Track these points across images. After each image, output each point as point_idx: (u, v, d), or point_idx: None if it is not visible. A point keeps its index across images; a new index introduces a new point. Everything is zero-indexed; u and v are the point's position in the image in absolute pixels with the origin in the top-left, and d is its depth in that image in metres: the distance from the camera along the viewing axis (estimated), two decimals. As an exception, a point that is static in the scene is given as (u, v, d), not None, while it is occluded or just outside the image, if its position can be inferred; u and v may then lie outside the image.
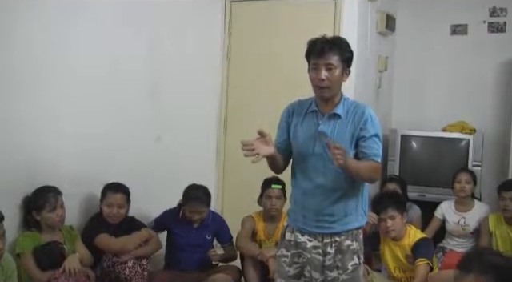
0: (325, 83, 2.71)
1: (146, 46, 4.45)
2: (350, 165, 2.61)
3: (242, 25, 5.30)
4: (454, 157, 5.40)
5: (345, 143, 2.70)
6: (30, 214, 3.51)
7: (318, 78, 2.71)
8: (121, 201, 3.88)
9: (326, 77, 2.70)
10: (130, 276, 3.71)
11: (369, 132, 2.72)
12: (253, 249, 4.10)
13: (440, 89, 5.88)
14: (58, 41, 3.70)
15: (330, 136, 2.72)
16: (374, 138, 2.73)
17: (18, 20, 3.43)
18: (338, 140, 2.69)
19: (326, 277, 2.77)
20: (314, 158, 2.78)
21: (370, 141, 2.72)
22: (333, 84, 2.72)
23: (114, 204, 3.86)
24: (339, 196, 2.75)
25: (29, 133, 3.54)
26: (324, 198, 2.76)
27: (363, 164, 2.71)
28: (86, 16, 3.88)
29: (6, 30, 3.38)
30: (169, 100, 4.69)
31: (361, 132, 2.72)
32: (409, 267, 3.91)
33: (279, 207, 4.17)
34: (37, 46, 3.57)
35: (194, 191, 4.09)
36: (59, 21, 3.70)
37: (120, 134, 4.21)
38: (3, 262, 3.02)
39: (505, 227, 4.51)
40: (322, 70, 2.70)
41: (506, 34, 5.62)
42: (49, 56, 3.65)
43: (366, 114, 2.74)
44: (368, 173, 2.72)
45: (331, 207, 2.76)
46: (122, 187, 3.92)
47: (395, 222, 3.90)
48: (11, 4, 3.39)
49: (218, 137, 5.39)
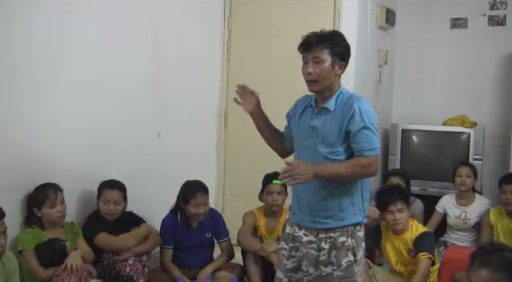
0: (312, 77, 2.71)
1: (147, 42, 4.45)
2: (322, 174, 2.62)
3: (241, 20, 5.28)
4: (455, 151, 5.40)
5: (334, 136, 2.70)
6: (32, 211, 3.51)
7: (305, 72, 2.72)
8: (117, 198, 3.87)
9: (313, 70, 2.70)
10: (130, 274, 3.71)
11: (357, 125, 2.65)
12: (254, 244, 4.10)
13: (440, 83, 5.88)
14: (57, 36, 3.69)
15: (321, 130, 2.73)
16: (362, 131, 2.65)
17: (17, 15, 3.42)
18: (328, 134, 2.70)
19: (321, 272, 2.77)
20: (306, 151, 2.79)
21: (358, 135, 2.66)
22: (320, 78, 2.70)
23: (110, 201, 3.85)
24: (331, 191, 2.73)
25: (29, 130, 3.54)
26: (316, 192, 2.75)
27: (345, 165, 2.68)
28: (86, 11, 3.87)
29: (5, 25, 3.37)
30: (169, 96, 4.68)
31: (348, 125, 2.67)
32: (410, 262, 3.91)
33: (280, 202, 4.17)
34: (36, 41, 3.56)
35: (194, 185, 4.08)
36: (59, 15, 3.69)
37: (120, 130, 4.21)
38: (5, 259, 3.02)
39: (506, 221, 4.51)
40: (310, 63, 2.71)
41: (506, 27, 5.61)
42: (48, 51, 3.64)
43: (354, 106, 2.67)
44: (355, 171, 2.67)
45: (324, 202, 2.74)
46: (118, 183, 3.92)
47: (404, 215, 3.91)
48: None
49: (218, 133, 5.38)
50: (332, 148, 2.70)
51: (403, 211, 3.91)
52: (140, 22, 4.36)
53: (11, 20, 3.41)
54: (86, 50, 3.90)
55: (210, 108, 5.30)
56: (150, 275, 3.89)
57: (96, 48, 3.98)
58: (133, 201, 4.03)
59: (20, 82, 3.48)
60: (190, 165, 4.79)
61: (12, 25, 3.41)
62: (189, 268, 4.08)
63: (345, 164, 2.68)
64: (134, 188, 4.03)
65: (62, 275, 3.32)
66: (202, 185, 4.10)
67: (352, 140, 2.68)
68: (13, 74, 3.44)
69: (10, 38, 3.41)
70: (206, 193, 4.08)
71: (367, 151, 2.67)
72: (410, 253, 3.90)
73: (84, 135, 3.92)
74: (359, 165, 2.67)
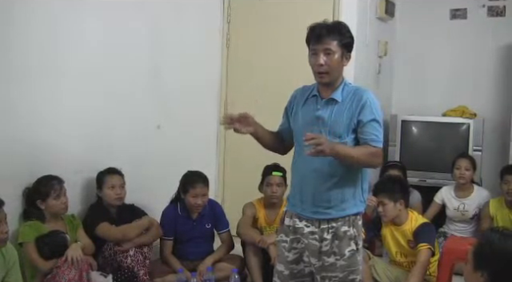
0: (323, 68, 2.70)
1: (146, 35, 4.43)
2: (338, 151, 2.60)
3: (241, 11, 5.25)
4: (455, 142, 5.40)
5: (342, 127, 2.71)
6: (33, 204, 3.51)
7: (317, 64, 2.71)
8: (121, 181, 3.93)
9: (324, 62, 2.69)
10: (131, 265, 3.71)
11: (366, 117, 2.69)
12: (254, 236, 4.10)
13: (440, 73, 5.88)
14: (57, 27, 3.68)
15: (328, 121, 2.72)
16: (371, 123, 2.70)
17: (16, 8, 3.41)
18: (336, 125, 2.71)
19: (324, 263, 2.77)
20: None
21: (367, 126, 2.70)
22: (331, 69, 2.71)
23: (116, 185, 3.89)
24: (336, 181, 2.74)
25: (27, 121, 3.53)
26: (320, 183, 2.75)
27: (356, 149, 2.69)
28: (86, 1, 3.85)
29: (4, 20, 3.36)
30: (169, 88, 4.67)
31: (359, 117, 2.70)
32: (410, 252, 3.92)
33: (280, 194, 4.17)
34: (36, 34, 3.55)
35: (194, 175, 4.09)
36: (59, 6, 3.67)
37: (120, 122, 4.20)
38: (5, 251, 3.03)
39: (506, 211, 4.52)
40: (321, 55, 2.69)
41: (505, 17, 5.61)
42: (48, 42, 3.63)
43: (364, 98, 2.71)
44: (364, 158, 2.68)
45: (328, 193, 2.75)
46: (116, 169, 3.96)
47: (387, 207, 3.93)
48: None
49: (218, 124, 5.37)
50: (340, 139, 2.71)
51: (386, 204, 3.93)
52: (139, 15, 4.34)
53: (10, 13, 3.39)
54: (85, 41, 3.88)
55: (210, 100, 5.29)
56: (151, 266, 3.89)
57: (96, 39, 3.97)
58: (133, 193, 4.04)
59: (17, 73, 3.46)
60: (190, 157, 4.79)
61: (11, 17, 3.39)
62: (189, 260, 4.10)
63: (357, 149, 2.70)
64: (134, 180, 4.04)
65: (62, 268, 3.33)
66: (203, 176, 4.10)
67: (360, 130, 2.71)
68: (10, 65, 3.42)
69: (10, 32, 3.39)
70: (205, 184, 4.08)
71: (374, 142, 2.70)
72: (410, 244, 3.92)
73: (83, 127, 3.91)
74: (369, 153, 2.69)
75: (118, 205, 3.93)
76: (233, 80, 5.31)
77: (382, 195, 3.95)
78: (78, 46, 3.83)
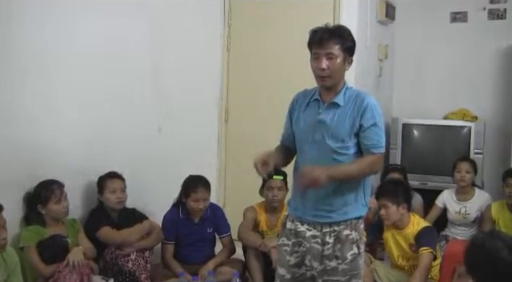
0: (326, 72, 2.71)
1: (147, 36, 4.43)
2: (338, 177, 2.66)
3: (241, 15, 5.26)
4: (456, 145, 5.40)
5: (344, 131, 2.72)
6: (34, 209, 3.50)
7: (319, 68, 2.71)
8: (121, 185, 3.92)
9: (326, 66, 2.70)
10: (133, 269, 3.70)
11: (368, 122, 2.71)
12: (255, 240, 4.09)
13: (441, 77, 5.88)
14: (57, 29, 3.67)
15: (330, 125, 2.73)
16: (372, 127, 2.71)
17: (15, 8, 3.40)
18: (338, 129, 2.72)
19: (325, 266, 2.77)
20: (313, 146, 2.78)
21: (368, 131, 2.71)
22: (334, 73, 2.72)
23: (117, 189, 3.88)
24: (338, 186, 2.74)
25: (26, 125, 3.51)
26: (325, 187, 2.74)
27: (357, 165, 2.73)
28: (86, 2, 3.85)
29: (4, 20, 3.35)
30: (169, 89, 4.67)
31: (360, 121, 2.71)
32: (412, 256, 3.92)
33: (281, 197, 4.16)
34: (35, 35, 3.52)
35: (196, 179, 4.08)
36: (59, 7, 3.66)
37: (121, 125, 4.19)
38: (6, 255, 3.02)
39: (508, 215, 4.51)
40: (323, 59, 2.70)
41: (506, 20, 5.62)
42: (47, 45, 3.61)
43: (365, 103, 2.72)
44: (366, 170, 2.74)
45: (329, 197, 2.75)
46: (117, 173, 3.95)
47: (389, 211, 3.91)
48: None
49: (219, 126, 5.38)
50: (343, 143, 2.73)
51: (388, 207, 3.92)
52: (140, 19, 4.34)
53: (10, 14, 3.38)
54: (85, 43, 3.87)
55: (211, 103, 5.30)
56: (152, 270, 3.89)
57: (96, 41, 3.96)
58: (134, 196, 4.04)
59: (17, 76, 3.45)
60: (191, 160, 4.79)
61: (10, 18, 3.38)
62: (190, 264, 4.08)
63: (354, 164, 2.73)
64: (135, 184, 4.03)
65: (63, 272, 3.32)
66: (204, 180, 4.10)
67: (362, 135, 2.72)
68: (10, 68, 3.41)
69: (9, 32, 3.38)
70: (206, 188, 4.08)
71: (375, 148, 2.72)
72: (411, 247, 3.91)
73: (84, 131, 3.90)
74: (369, 163, 2.73)
75: (119, 209, 3.92)
76: (233, 83, 5.32)
77: (385, 199, 3.94)
78: (78, 50, 3.82)
